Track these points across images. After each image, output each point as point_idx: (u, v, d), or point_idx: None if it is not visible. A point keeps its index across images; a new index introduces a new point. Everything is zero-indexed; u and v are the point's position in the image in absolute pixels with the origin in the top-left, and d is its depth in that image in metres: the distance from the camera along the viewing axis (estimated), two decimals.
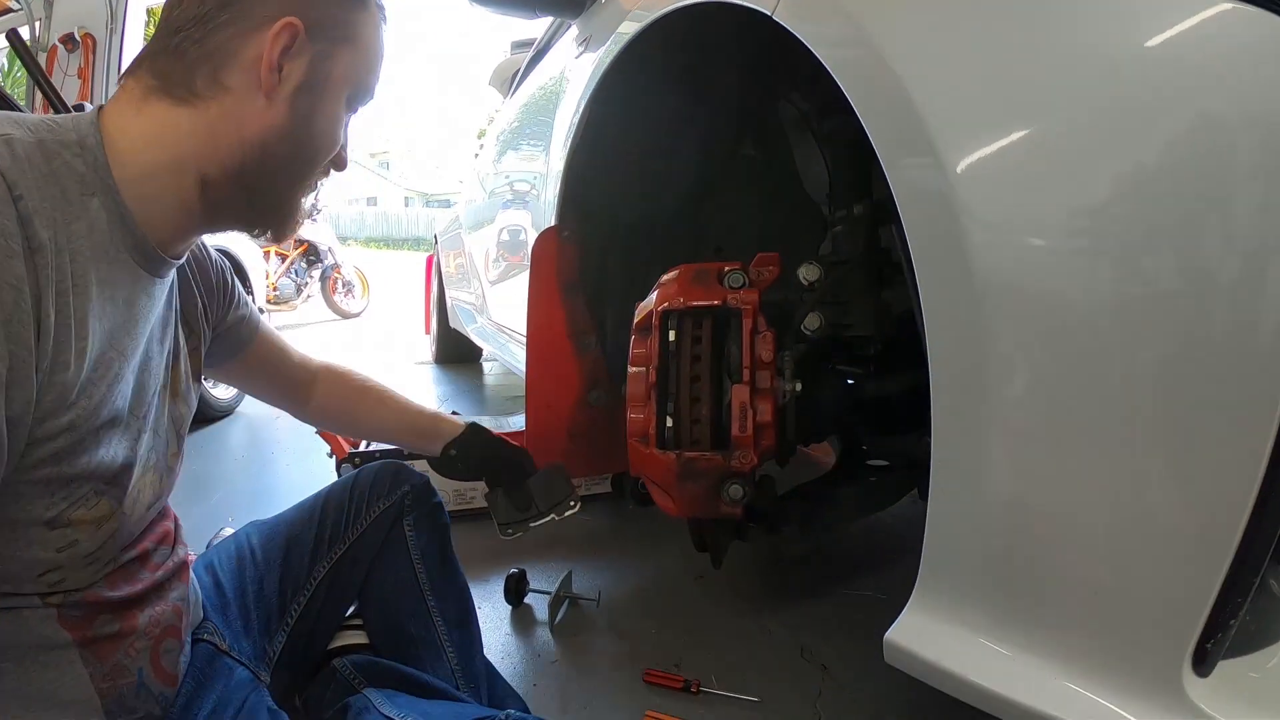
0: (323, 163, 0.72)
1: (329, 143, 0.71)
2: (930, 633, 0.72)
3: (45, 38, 4.48)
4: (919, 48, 0.69)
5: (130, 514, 0.65)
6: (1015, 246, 0.63)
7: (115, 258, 0.60)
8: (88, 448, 0.58)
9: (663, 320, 0.90)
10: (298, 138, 0.67)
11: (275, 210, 0.71)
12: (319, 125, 0.68)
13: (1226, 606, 0.58)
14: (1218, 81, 0.55)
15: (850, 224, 1.08)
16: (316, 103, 0.67)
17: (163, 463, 0.71)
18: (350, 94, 0.71)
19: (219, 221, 0.68)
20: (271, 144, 0.66)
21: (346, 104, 0.71)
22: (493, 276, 2.52)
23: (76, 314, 0.55)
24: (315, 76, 0.66)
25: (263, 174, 0.66)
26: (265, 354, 0.97)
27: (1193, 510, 0.58)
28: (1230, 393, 0.55)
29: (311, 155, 0.70)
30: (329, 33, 0.67)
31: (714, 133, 1.41)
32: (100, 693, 0.62)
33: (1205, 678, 0.59)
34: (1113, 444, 0.60)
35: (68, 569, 0.60)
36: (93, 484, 0.60)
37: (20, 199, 0.51)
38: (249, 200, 0.68)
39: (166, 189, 0.63)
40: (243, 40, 0.63)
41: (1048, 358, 0.62)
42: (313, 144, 0.69)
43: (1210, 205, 0.55)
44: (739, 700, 1.06)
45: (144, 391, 0.66)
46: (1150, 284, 0.57)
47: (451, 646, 0.95)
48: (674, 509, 0.93)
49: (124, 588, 0.66)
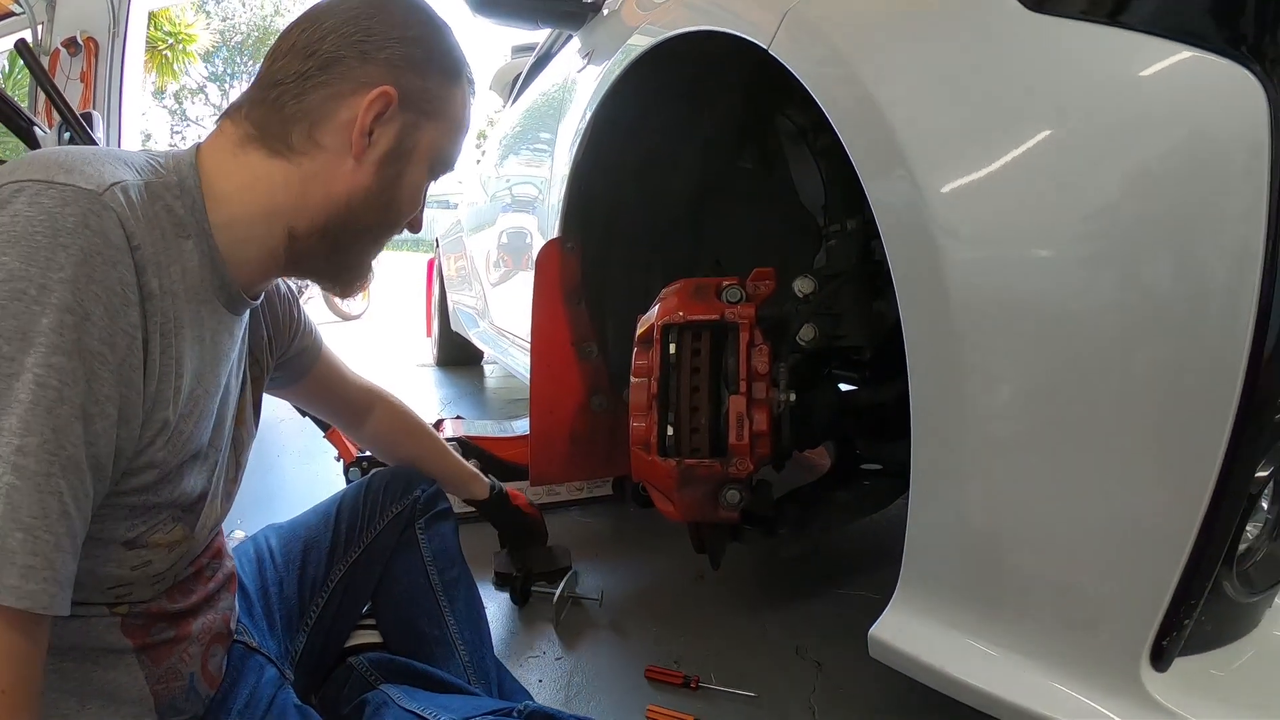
0: (402, 225, 0.74)
1: (410, 208, 0.73)
2: (911, 629, 0.77)
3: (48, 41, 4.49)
4: (901, 78, 0.73)
5: (199, 538, 0.69)
6: (988, 261, 0.67)
7: (204, 298, 0.63)
8: (173, 479, 0.61)
9: (663, 334, 0.94)
10: (382, 202, 0.69)
11: (352, 268, 0.73)
12: (403, 191, 0.71)
13: (1181, 606, 0.62)
14: (1178, 114, 0.60)
15: (843, 238, 1.12)
16: (403, 170, 0.70)
17: (227, 487, 0.75)
18: (433, 163, 0.73)
19: (298, 271, 0.71)
20: (357, 205, 0.68)
21: (429, 171, 0.73)
22: (494, 280, 2.55)
23: (176, 355, 0.58)
24: (403, 145, 0.69)
25: (345, 232, 0.69)
26: (325, 379, 1.01)
27: (1150, 516, 0.63)
28: (1184, 404, 0.60)
29: (394, 219, 0.72)
30: (420, 105, 0.69)
31: (713, 146, 1.45)
32: (155, 695, 0.66)
33: (1163, 673, 0.64)
34: (1077, 452, 0.65)
35: (136, 585, 0.63)
36: (171, 511, 0.63)
37: (137, 249, 0.54)
38: (329, 255, 0.70)
39: (255, 236, 0.66)
40: (339, 102, 0.65)
41: (1018, 369, 0.67)
42: (396, 208, 0.71)
43: (1173, 224, 0.60)
44: (737, 696, 1.09)
45: (222, 424, 0.70)
46: (1114, 298, 0.62)
47: (463, 644, 0.99)
48: (675, 513, 0.97)
49: (181, 600, 0.70)
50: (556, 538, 1.49)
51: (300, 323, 0.92)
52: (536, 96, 2.12)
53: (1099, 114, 0.62)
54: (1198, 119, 0.59)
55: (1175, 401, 0.61)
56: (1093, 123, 0.63)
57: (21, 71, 5.19)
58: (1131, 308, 0.61)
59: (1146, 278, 0.61)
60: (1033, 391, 0.67)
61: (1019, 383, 0.67)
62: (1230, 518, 0.62)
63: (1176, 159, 0.60)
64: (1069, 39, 0.64)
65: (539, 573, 1.40)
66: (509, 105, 3.02)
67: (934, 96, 0.71)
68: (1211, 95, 0.58)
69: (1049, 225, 0.64)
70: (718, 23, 0.97)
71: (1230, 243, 0.58)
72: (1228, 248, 0.58)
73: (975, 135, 0.68)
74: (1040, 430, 0.67)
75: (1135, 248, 0.61)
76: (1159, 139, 0.60)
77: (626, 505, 1.88)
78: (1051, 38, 0.64)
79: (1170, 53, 0.60)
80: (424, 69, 0.68)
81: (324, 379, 1.00)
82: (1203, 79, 0.59)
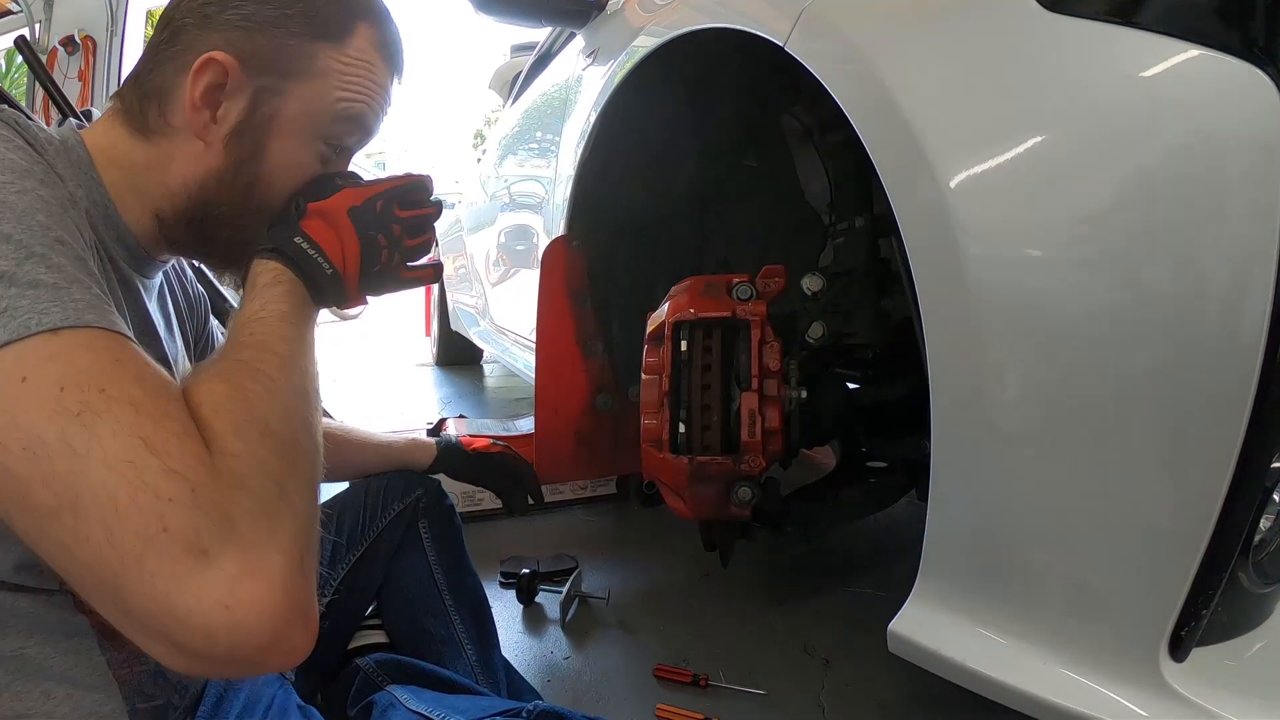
0: (280, 208, 0.66)
1: (286, 187, 0.66)
2: (931, 623, 0.77)
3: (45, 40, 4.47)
4: (919, 76, 0.74)
5: None
6: (1008, 258, 0.68)
7: (98, 245, 0.61)
8: None
9: (675, 331, 0.94)
10: (242, 183, 0.63)
11: (234, 256, 0.67)
12: (267, 168, 0.64)
13: (1199, 598, 0.63)
14: (1193, 114, 0.60)
15: (851, 236, 1.12)
16: (262, 143, 0.63)
17: None
18: (317, 130, 0.65)
19: (183, 255, 0.68)
20: (212, 190, 0.63)
21: (313, 139, 0.65)
22: (495, 279, 2.55)
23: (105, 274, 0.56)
24: (257, 116, 0.62)
25: (208, 219, 0.64)
26: None
27: (1168, 509, 0.64)
28: (1202, 399, 0.61)
29: (261, 202, 0.65)
30: (277, 68, 0.62)
31: (719, 144, 1.45)
32: (119, 680, 0.62)
33: (1181, 663, 0.65)
34: (1096, 447, 0.66)
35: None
36: None
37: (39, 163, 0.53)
38: (200, 244, 0.66)
39: (131, 209, 0.63)
40: (183, 75, 0.60)
41: (1038, 365, 0.67)
42: (265, 187, 0.64)
43: (1188, 221, 0.61)
44: (746, 694, 1.09)
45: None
46: (1132, 294, 0.63)
47: (470, 643, 0.98)
48: (686, 511, 0.97)
49: None
50: (562, 537, 1.49)
51: (207, 301, 0.89)
52: (538, 95, 2.12)
53: (1116, 113, 0.63)
54: (1213, 119, 0.60)
55: (1191, 396, 0.61)
56: (1109, 122, 0.63)
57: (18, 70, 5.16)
58: (1146, 303, 0.62)
59: (1160, 273, 0.62)
60: (1051, 387, 0.67)
61: (1037, 379, 0.68)
62: (1246, 510, 0.63)
63: (1193, 158, 0.60)
64: (1086, 39, 0.64)
65: (544, 573, 1.40)
66: (509, 105, 3.02)
67: (952, 94, 0.71)
68: (1226, 95, 0.59)
69: (1067, 223, 0.65)
70: (730, 21, 0.97)
71: (1246, 238, 0.58)
72: (1243, 243, 0.59)
73: (994, 134, 0.68)
74: (1058, 426, 0.67)
75: (1149, 244, 0.62)
76: (1174, 138, 0.61)
77: (631, 504, 1.88)
78: (1069, 37, 0.65)
79: (1185, 53, 0.60)
80: (279, 26, 0.62)
81: None
82: (1217, 79, 0.59)
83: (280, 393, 0.53)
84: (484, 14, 1.65)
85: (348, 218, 0.67)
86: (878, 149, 0.75)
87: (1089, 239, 0.64)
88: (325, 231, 0.65)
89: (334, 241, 0.65)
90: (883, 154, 0.75)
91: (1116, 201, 0.63)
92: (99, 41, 4.46)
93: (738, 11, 0.98)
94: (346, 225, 0.66)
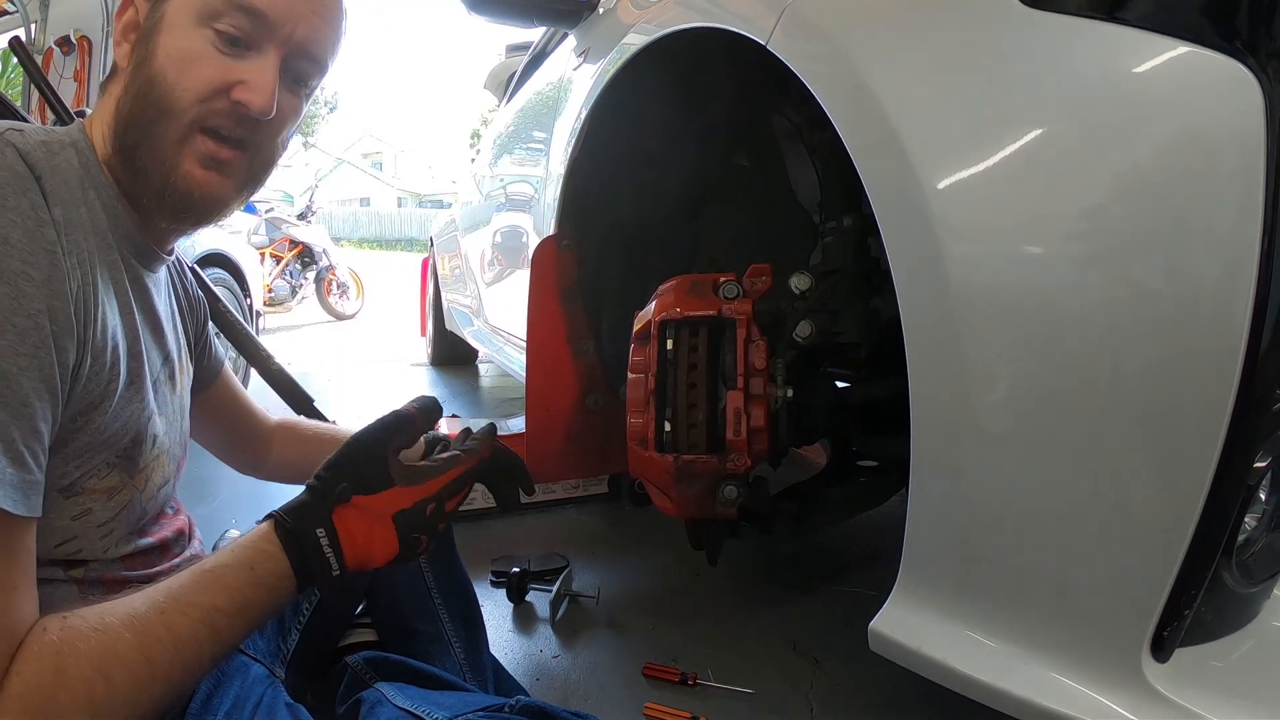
0: (184, 101, 0.62)
1: (180, 80, 0.62)
2: (911, 622, 0.77)
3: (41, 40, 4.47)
4: (899, 75, 0.73)
5: (141, 490, 0.69)
6: (989, 257, 0.68)
7: (112, 244, 0.63)
8: (97, 412, 0.61)
9: (661, 329, 0.94)
10: (138, 89, 0.62)
11: (151, 176, 0.64)
12: (159, 63, 0.62)
13: (1181, 597, 0.63)
14: (1174, 109, 0.60)
15: (840, 235, 1.12)
16: (153, 45, 0.62)
17: (173, 450, 0.75)
18: (201, 15, 0.62)
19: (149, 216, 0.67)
20: (121, 106, 0.63)
21: (196, 24, 0.63)
22: (489, 279, 2.55)
23: (93, 284, 0.59)
24: (149, 21, 0.63)
25: (126, 137, 0.63)
26: (227, 396, 0.98)
27: (1149, 508, 0.63)
28: (1183, 396, 0.61)
29: (160, 101, 0.62)
30: None
31: (709, 143, 1.45)
32: None
33: (1164, 663, 0.64)
34: (1076, 445, 0.65)
35: (82, 539, 0.63)
36: (104, 455, 0.63)
37: (41, 178, 0.56)
38: (132, 172, 0.64)
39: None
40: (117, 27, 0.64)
41: (1017, 363, 0.67)
42: (158, 89, 0.62)
43: (1170, 219, 0.60)
44: (735, 692, 1.10)
45: (152, 373, 0.69)
46: (1114, 294, 0.62)
47: (458, 641, 0.98)
48: (672, 509, 0.96)
49: (141, 569, 0.69)
50: (553, 536, 1.49)
51: (206, 311, 0.91)
52: (531, 95, 2.12)
53: (1096, 110, 0.63)
54: (1194, 114, 0.60)
55: (1173, 394, 0.61)
56: (1089, 119, 0.63)
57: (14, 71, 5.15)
58: (1128, 302, 0.62)
59: (1142, 272, 0.61)
60: (1031, 385, 0.67)
61: (1017, 376, 0.67)
62: (1229, 508, 0.63)
63: (1174, 154, 0.60)
64: (1066, 35, 0.64)
65: (535, 572, 1.40)
66: (503, 104, 3.02)
67: (933, 92, 0.71)
68: (1208, 91, 0.59)
69: (1047, 220, 0.65)
70: (715, 20, 0.97)
71: (1227, 236, 0.58)
72: (1224, 241, 0.58)
73: (973, 131, 0.68)
74: (1039, 423, 0.67)
75: (1131, 243, 0.62)
76: (1155, 134, 0.61)
77: (622, 503, 1.88)
78: (1049, 34, 0.65)
79: (1166, 48, 0.60)
80: None
81: (226, 396, 0.98)
82: (1199, 74, 0.59)
83: (185, 662, 0.56)
84: (476, 14, 1.65)
85: (392, 523, 0.68)
86: (857, 147, 0.75)
87: (1070, 237, 0.64)
88: (358, 528, 0.66)
89: (362, 541, 0.66)
90: (862, 151, 0.75)
91: (1097, 200, 0.63)
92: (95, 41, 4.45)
93: (723, 10, 0.98)
94: (388, 528, 0.68)
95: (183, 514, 0.81)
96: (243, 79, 0.63)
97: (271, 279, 5.83)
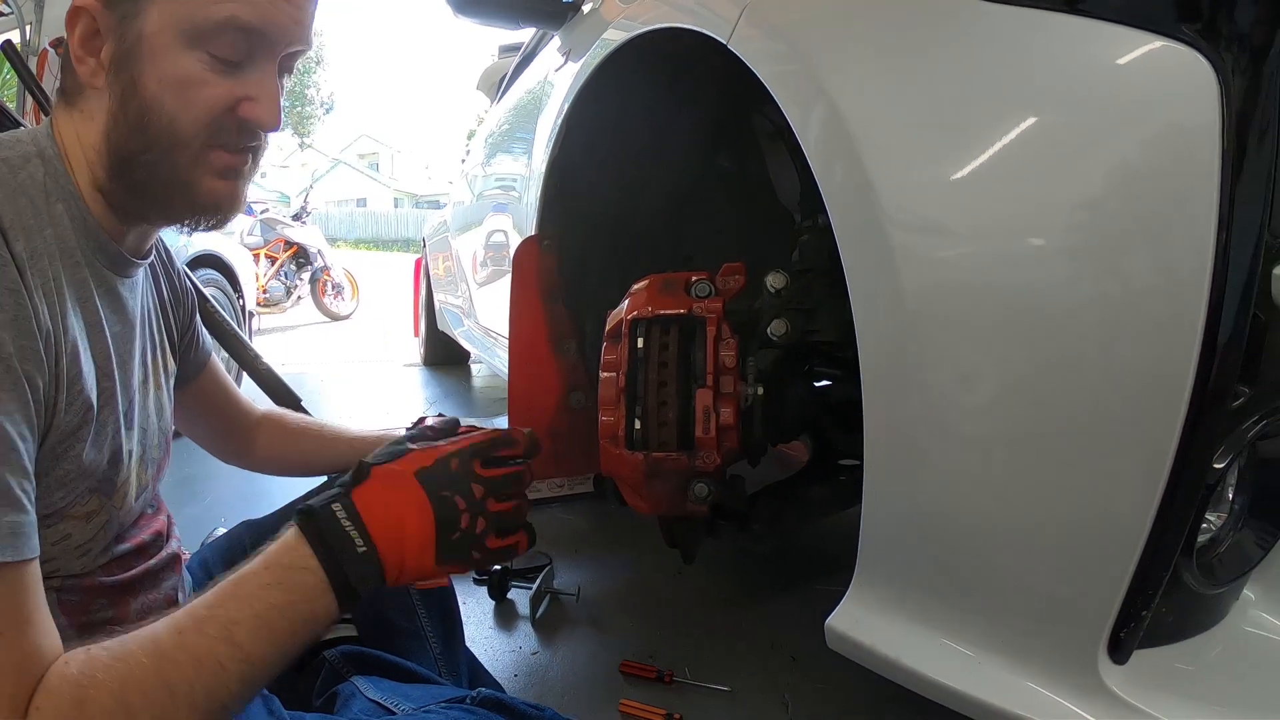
0: (192, 130, 0.61)
1: (178, 104, 0.61)
2: (867, 620, 0.77)
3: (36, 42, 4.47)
4: (854, 74, 0.74)
5: (120, 506, 0.68)
6: (940, 254, 0.67)
7: (84, 260, 0.62)
8: (71, 446, 0.60)
9: (632, 328, 0.94)
10: (133, 117, 0.61)
11: (170, 199, 0.64)
12: (150, 92, 0.60)
13: (1138, 598, 0.62)
14: (1132, 100, 0.60)
15: (815, 233, 1.12)
16: (137, 70, 0.60)
17: (150, 454, 0.74)
18: (194, 37, 0.60)
19: (142, 221, 0.67)
20: (115, 136, 0.61)
21: (188, 46, 0.60)
22: (479, 280, 2.55)
23: (60, 314, 0.58)
24: (126, 44, 0.60)
25: (128, 168, 0.62)
26: (214, 388, 0.98)
27: (1106, 507, 0.63)
28: (1138, 396, 0.60)
29: (164, 130, 0.61)
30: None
31: (690, 143, 1.45)
32: None
33: (1122, 665, 0.64)
34: (1031, 444, 0.65)
35: (60, 560, 0.63)
36: (85, 482, 0.62)
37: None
38: (137, 196, 0.64)
39: (98, 201, 0.64)
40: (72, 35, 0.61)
41: (970, 362, 0.67)
42: (155, 117, 0.60)
43: (1122, 215, 0.60)
44: (711, 690, 1.10)
45: (126, 389, 0.68)
46: (1065, 291, 0.61)
47: (435, 637, 0.99)
48: (643, 507, 0.97)
49: (119, 573, 0.69)
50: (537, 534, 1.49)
51: (194, 305, 0.90)
52: (517, 96, 2.13)
53: (1054, 105, 0.62)
54: (1152, 106, 0.59)
55: (1129, 393, 0.60)
56: (1046, 114, 0.63)
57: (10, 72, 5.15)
58: (1080, 301, 0.61)
59: (1096, 270, 0.61)
60: (984, 384, 0.67)
61: (970, 376, 0.67)
62: (1186, 508, 0.62)
63: (1130, 149, 0.60)
64: (1024, 28, 0.64)
65: (516, 569, 1.41)
66: (494, 104, 3.02)
67: (887, 89, 0.71)
68: (1165, 82, 0.58)
69: (1001, 218, 0.64)
70: (681, 19, 0.97)
71: (1182, 231, 0.57)
72: (1179, 236, 0.58)
73: (928, 128, 0.68)
74: (990, 423, 0.67)
75: (1086, 240, 0.61)
76: (1111, 129, 0.60)
77: (607, 502, 1.88)
78: (1007, 28, 0.64)
79: (1124, 39, 0.59)
80: None
81: (213, 388, 0.98)
82: (1157, 65, 0.58)
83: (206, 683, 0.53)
84: (462, 16, 1.65)
85: (416, 480, 0.65)
86: (810, 144, 0.75)
87: (1023, 235, 0.63)
88: (381, 498, 0.63)
89: (388, 512, 0.63)
90: (815, 149, 0.75)
91: (1050, 198, 0.62)
92: None
93: (688, 10, 0.98)
94: (414, 489, 0.64)
95: (162, 512, 0.81)
96: (246, 95, 0.63)
97: (266, 280, 5.83)
